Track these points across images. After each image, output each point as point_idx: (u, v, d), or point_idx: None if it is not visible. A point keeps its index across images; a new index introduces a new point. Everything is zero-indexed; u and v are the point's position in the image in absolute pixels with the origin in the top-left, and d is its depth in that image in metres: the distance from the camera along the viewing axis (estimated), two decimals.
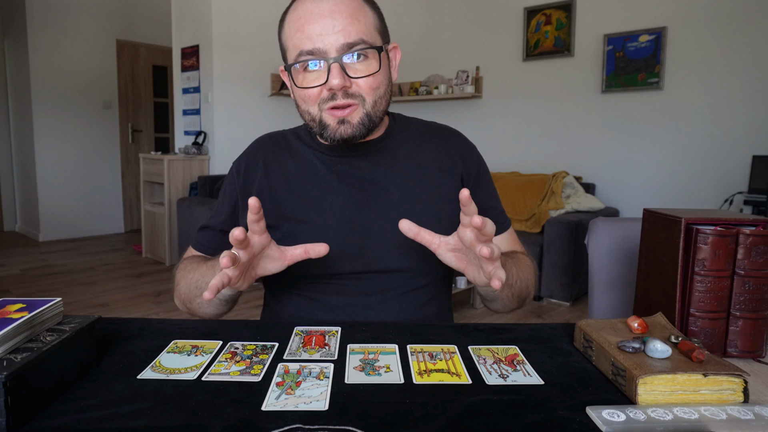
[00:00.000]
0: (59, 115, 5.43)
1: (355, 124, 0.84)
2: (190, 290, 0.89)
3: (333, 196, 0.92)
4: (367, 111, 0.84)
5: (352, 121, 0.84)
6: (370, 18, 0.84)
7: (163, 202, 4.51)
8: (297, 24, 0.82)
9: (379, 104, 0.86)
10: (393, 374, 0.63)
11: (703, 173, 3.61)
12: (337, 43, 0.80)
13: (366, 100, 0.83)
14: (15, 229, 5.87)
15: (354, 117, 0.83)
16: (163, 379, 0.61)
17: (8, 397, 0.49)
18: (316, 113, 0.85)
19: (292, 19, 0.83)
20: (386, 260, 0.89)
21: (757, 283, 0.68)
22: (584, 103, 4.10)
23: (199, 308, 0.90)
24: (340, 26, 0.80)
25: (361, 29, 0.81)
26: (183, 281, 0.91)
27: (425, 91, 4.83)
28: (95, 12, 5.59)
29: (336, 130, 0.84)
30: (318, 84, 0.82)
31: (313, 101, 0.84)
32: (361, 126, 0.84)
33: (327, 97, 0.82)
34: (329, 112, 0.83)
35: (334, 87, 0.80)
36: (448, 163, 0.96)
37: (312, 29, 0.80)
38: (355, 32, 0.80)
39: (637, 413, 0.53)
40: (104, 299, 3.55)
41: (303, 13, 0.81)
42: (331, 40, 0.80)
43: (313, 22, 0.80)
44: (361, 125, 0.84)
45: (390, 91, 0.89)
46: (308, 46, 0.80)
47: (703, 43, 3.53)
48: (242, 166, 0.99)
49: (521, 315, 3.30)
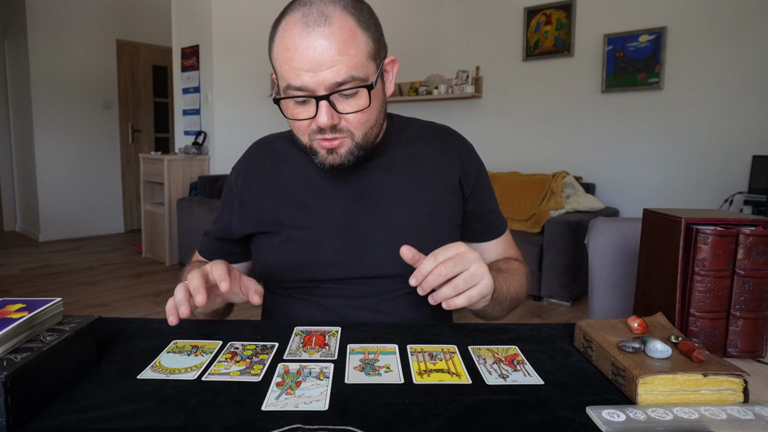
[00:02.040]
0: (59, 115, 5.43)
1: (343, 154, 0.83)
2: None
3: (329, 202, 0.91)
4: (356, 142, 0.83)
5: (341, 152, 0.83)
6: (362, 46, 0.78)
7: (163, 202, 4.51)
8: (285, 55, 0.77)
9: (370, 134, 0.85)
10: (393, 374, 0.63)
11: (703, 173, 3.61)
12: (326, 82, 0.76)
13: (355, 134, 0.82)
14: (15, 229, 5.87)
15: (342, 149, 0.83)
16: (162, 379, 0.61)
17: (8, 397, 0.49)
18: (306, 142, 0.84)
19: (281, 46, 0.78)
20: (383, 265, 0.89)
21: (757, 283, 0.68)
22: (584, 103, 4.10)
23: (199, 316, 0.91)
24: (329, 63, 0.75)
25: (351, 64, 0.76)
26: None
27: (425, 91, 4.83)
28: (95, 12, 5.59)
29: (326, 159, 0.84)
30: (306, 117, 0.80)
31: (302, 132, 0.83)
32: (350, 155, 0.83)
33: (316, 130, 0.81)
34: (318, 142, 0.83)
35: (321, 125, 0.78)
36: (446, 165, 0.96)
37: (299, 65, 0.76)
38: (345, 69, 0.76)
39: (637, 413, 0.53)
40: (104, 299, 3.55)
41: (290, 44, 0.76)
42: (319, 79, 0.76)
43: (301, 56, 0.75)
44: (349, 154, 0.83)
45: (383, 113, 0.88)
46: (296, 82, 0.77)
47: (703, 43, 3.53)
48: (240, 172, 0.99)
49: (521, 315, 3.30)
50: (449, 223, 0.95)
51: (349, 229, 0.90)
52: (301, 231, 0.91)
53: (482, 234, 1.01)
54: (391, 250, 0.88)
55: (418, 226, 0.91)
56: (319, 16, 0.75)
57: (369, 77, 0.80)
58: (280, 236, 0.91)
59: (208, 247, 1.03)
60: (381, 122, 0.87)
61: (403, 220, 0.90)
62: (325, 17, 0.75)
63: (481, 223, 1.00)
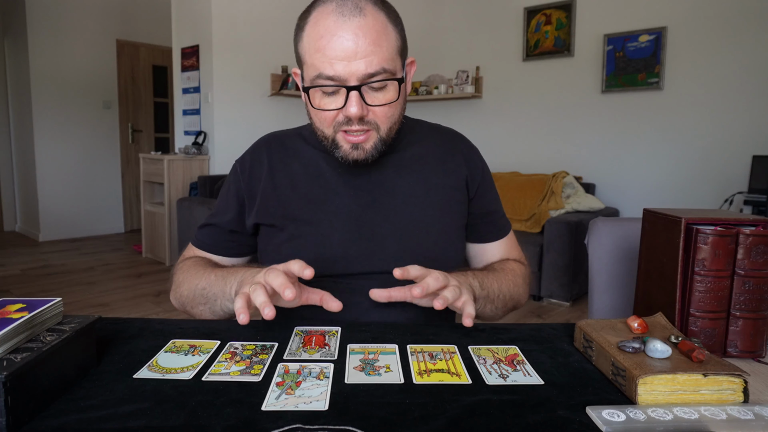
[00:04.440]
0: (59, 115, 5.43)
1: (368, 149, 0.84)
2: (195, 296, 0.89)
3: (338, 198, 0.92)
4: (381, 137, 0.84)
5: (366, 147, 0.83)
6: (392, 40, 0.80)
7: (163, 202, 4.51)
8: (318, 43, 0.77)
9: (393, 129, 0.86)
10: (393, 374, 0.63)
11: (703, 173, 3.61)
12: (359, 72, 0.77)
13: (381, 127, 0.83)
14: (15, 229, 5.87)
15: (368, 143, 0.83)
16: (161, 379, 0.61)
17: (8, 397, 0.49)
18: (330, 134, 0.84)
19: (313, 34, 0.78)
20: (391, 262, 0.89)
21: (757, 283, 0.68)
22: (584, 103, 4.10)
23: (200, 314, 0.90)
24: (362, 53, 0.76)
25: (383, 57, 0.78)
26: (186, 284, 0.91)
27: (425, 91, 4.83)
28: (95, 12, 5.59)
29: (349, 154, 0.84)
30: (335, 108, 0.81)
31: (328, 123, 0.83)
32: (374, 150, 0.84)
33: (342, 121, 0.81)
34: (343, 134, 0.83)
35: (351, 115, 0.79)
36: (453, 166, 0.97)
37: (334, 53, 0.76)
38: (377, 61, 0.77)
39: (637, 413, 0.53)
40: (104, 299, 3.55)
41: (324, 32, 0.77)
42: (352, 69, 0.76)
43: (335, 45, 0.76)
44: (374, 150, 0.84)
45: (404, 110, 0.89)
46: (329, 72, 0.77)
47: (703, 43, 3.53)
48: (246, 165, 0.98)
49: (521, 315, 3.30)
50: (456, 222, 0.96)
51: (358, 225, 0.90)
52: (311, 226, 0.91)
53: (485, 235, 1.01)
54: (401, 247, 0.89)
55: (427, 224, 0.92)
56: (354, 7, 0.77)
57: (397, 72, 0.81)
58: (289, 230, 0.91)
59: (211, 239, 0.99)
60: (401, 118, 0.89)
61: (412, 217, 0.91)
62: (360, 9, 0.77)
63: (484, 224, 1.01)
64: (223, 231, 0.99)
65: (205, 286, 0.87)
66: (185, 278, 0.92)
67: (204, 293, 0.87)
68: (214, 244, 0.99)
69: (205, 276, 0.88)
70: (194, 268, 0.92)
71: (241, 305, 0.68)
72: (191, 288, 0.89)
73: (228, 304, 0.84)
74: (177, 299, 0.94)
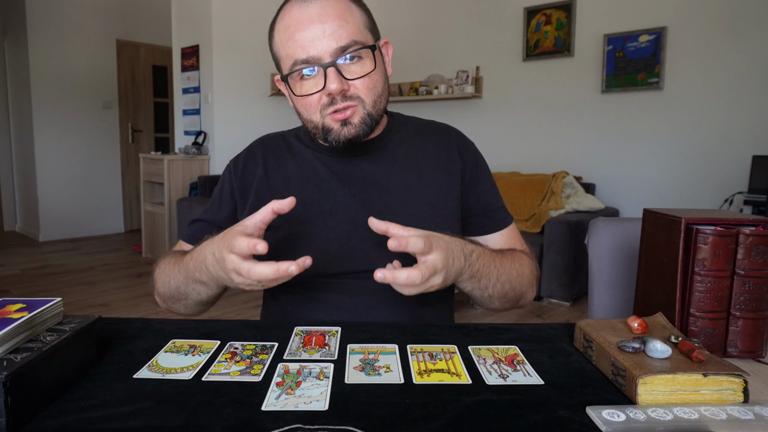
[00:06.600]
0: (59, 115, 5.43)
1: (356, 124, 0.84)
2: (172, 294, 0.88)
3: (334, 197, 0.92)
4: (367, 111, 0.85)
5: (354, 122, 0.84)
6: (358, 17, 0.84)
7: (163, 202, 4.51)
8: (287, 33, 0.82)
9: (379, 103, 0.87)
10: (393, 374, 0.63)
11: (703, 173, 3.61)
12: (330, 48, 0.80)
13: (365, 100, 0.84)
14: (15, 229, 5.87)
15: (355, 117, 0.84)
16: (161, 379, 0.61)
17: (8, 397, 0.49)
18: (318, 120, 0.85)
19: (282, 28, 0.84)
20: (387, 260, 0.89)
21: (757, 283, 0.68)
22: (584, 103, 4.10)
23: (184, 309, 0.90)
24: (330, 30, 0.80)
25: (351, 30, 0.81)
26: (161, 282, 0.90)
27: (425, 91, 4.83)
28: (95, 12, 5.59)
29: (339, 132, 0.85)
30: (316, 90, 0.83)
31: (314, 109, 0.85)
32: (363, 125, 0.85)
33: (327, 103, 0.83)
34: (331, 116, 0.84)
35: (332, 92, 0.81)
36: (447, 161, 0.97)
37: (303, 36, 0.80)
38: (346, 34, 0.80)
39: (637, 413, 0.53)
40: (104, 299, 3.55)
41: (291, 21, 0.82)
42: (323, 45, 0.80)
43: (303, 29, 0.80)
44: (363, 124, 0.85)
45: (387, 88, 0.90)
46: (302, 55, 0.81)
47: (703, 43, 3.53)
48: (240, 164, 0.99)
49: (521, 315, 3.30)
50: (452, 217, 0.95)
51: (353, 223, 0.90)
52: (306, 225, 0.91)
53: (484, 226, 1.00)
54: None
55: (423, 221, 0.91)
56: None
57: (369, 42, 0.84)
58: (284, 230, 0.91)
59: (202, 234, 0.95)
60: (387, 96, 0.90)
61: (408, 214, 0.91)
62: None
63: (482, 216, 1.00)
64: (213, 227, 0.98)
65: (179, 284, 0.86)
66: (160, 276, 0.91)
67: (180, 290, 0.86)
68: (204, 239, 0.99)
69: (175, 273, 0.86)
70: (167, 265, 0.90)
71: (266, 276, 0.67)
72: (167, 287, 0.88)
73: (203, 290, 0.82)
74: (158, 296, 0.94)
